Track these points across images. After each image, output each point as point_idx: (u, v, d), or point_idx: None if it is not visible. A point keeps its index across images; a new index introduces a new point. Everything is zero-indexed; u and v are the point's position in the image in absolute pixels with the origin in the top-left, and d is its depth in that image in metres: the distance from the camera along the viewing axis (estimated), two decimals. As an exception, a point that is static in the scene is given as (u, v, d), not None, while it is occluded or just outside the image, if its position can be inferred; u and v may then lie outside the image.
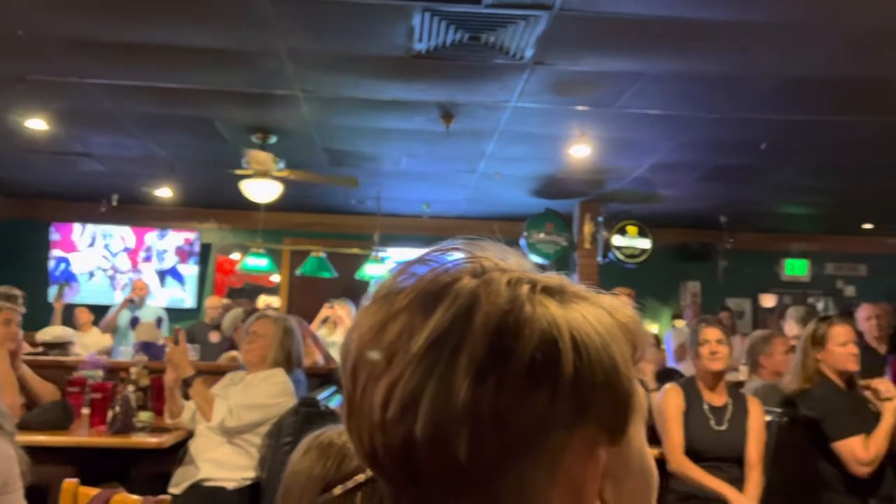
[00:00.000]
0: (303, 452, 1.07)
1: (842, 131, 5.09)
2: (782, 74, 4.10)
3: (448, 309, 0.47)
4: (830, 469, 2.93)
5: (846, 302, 8.57)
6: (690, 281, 9.07)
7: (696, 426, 2.98)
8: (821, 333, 3.07)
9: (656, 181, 6.65)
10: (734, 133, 5.20)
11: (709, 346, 3.02)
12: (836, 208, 7.74)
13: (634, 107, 4.71)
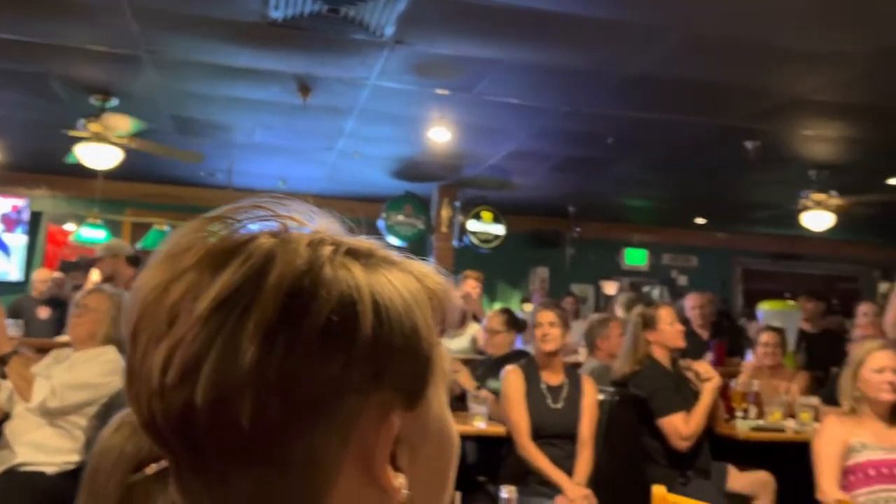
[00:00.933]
0: (115, 428, 1.00)
1: (678, 130, 5.46)
2: (627, 71, 4.33)
3: (239, 268, 0.44)
4: (655, 444, 3.16)
5: (679, 290, 9.25)
6: (540, 267, 9.43)
7: (534, 405, 3.10)
8: (650, 316, 3.29)
9: (511, 169, 6.84)
10: (584, 126, 5.44)
11: (542, 328, 3.15)
12: (672, 203, 8.33)
13: (492, 94, 4.80)
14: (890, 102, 4.75)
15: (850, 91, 4.57)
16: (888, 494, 2.55)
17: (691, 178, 7.07)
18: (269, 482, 0.43)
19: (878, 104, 4.79)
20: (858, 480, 2.61)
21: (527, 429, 3.04)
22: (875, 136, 5.48)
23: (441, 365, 0.49)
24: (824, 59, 4.08)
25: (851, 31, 3.76)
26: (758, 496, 3.37)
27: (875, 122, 5.13)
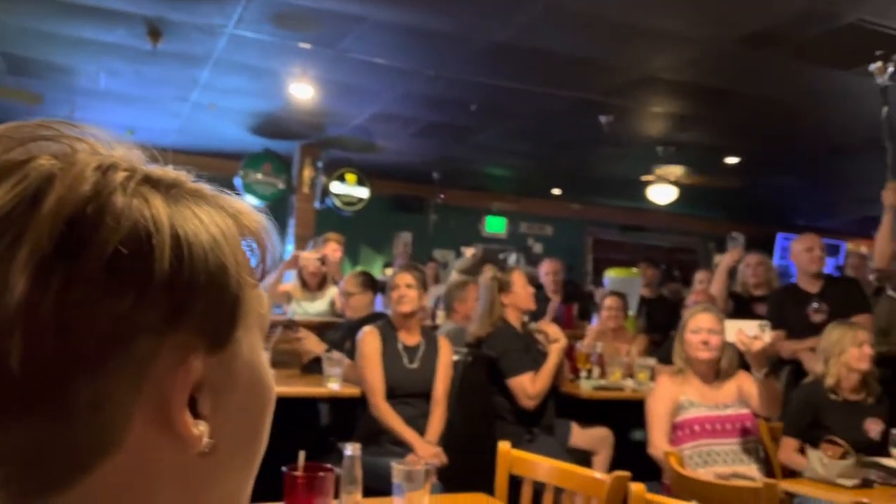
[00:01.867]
0: None
1: (538, 101, 5.61)
2: (491, 38, 4.37)
3: (10, 191, 0.38)
4: (504, 402, 3.27)
5: (534, 257, 9.61)
6: (403, 231, 9.47)
7: (390, 365, 3.12)
8: (505, 280, 3.39)
9: (376, 131, 6.77)
10: (448, 91, 5.46)
11: (399, 290, 3.17)
12: (531, 173, 8.59)
13: (356, 52, 4.70)
14: (731, 85, 5.11)
15: (696, 72, 4.87)
16: (710, 448, 2.80)
17: (549, 149, 7.31)
18: (51, 433, 0.39)
19: (720, 86, 5.14)
20: (685, 435, 2.84)
21: (381, 389, 3.05)
22: (716, 116, 5.90)
23: (255, 308, 0.46)
24: (673, 39, 4.31)
25: (699, 14, 3.99)
26: (597, 450, 3.59)
27: (717, 103, 5.51)
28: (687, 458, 2.77)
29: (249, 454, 0.47)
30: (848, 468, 2.54)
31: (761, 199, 9.28)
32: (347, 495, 1.43)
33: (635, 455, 3.00)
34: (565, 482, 2.01)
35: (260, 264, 0.47)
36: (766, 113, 5.68)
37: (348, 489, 1.44)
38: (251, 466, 0.47)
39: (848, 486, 2.51)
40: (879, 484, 2.55)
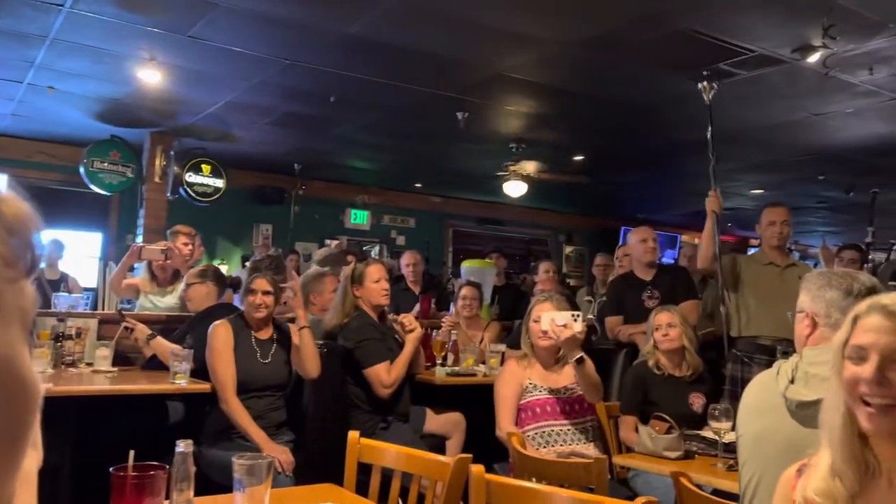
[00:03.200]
0: None
1: (397, 95, 5.67)
2: (346, 30, 4.38)
3: None
4: (359, 392, 3.31)
5: (396, 249, 9.71)
6: (263, 223, 9.26)
7: (243, 359, 3.07)
8: (359, 273, 3.42)
9: (231, 120, 6.57)
10: (306, 82, 5.41)
11: (255, 296, 3.15)
12: (393, 166, 8.66)
13: (208, 38, 4.55)
14: (577, 86, 5.41)
15: (544, 72, 5.12)
16: (550, 428, 2.97)
17: (410, 143, 7.41)
18: None
19: (567, 86, 5.42)
20: (528, 417, 3.00)
21: (232, 384, 3.00)
22: (565, 115, 6.21)
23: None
24: (522, 39, 4.51)
25: (545, 17, 4.20)
26: (451, 435, 3.71)
27: (565, 102, 5.81)
28: (530, 439, 2.94)
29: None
30: (672, 441, 2.79)
31: (606, 194, 9.87)
32: (179, 493, 1.42)
33: (485, 437, 3.14)
34: (412, 467, 2.08)
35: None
36: (610, 113, 6.06)
37: (180, 487, 1.42)
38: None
39: (672, 457, 2.75)
40: (699, 454, 2.82)
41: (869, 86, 5.04)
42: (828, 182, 8.31)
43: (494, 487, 1.78)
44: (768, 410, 1.89)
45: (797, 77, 4.91)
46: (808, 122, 6.02)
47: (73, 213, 8.11)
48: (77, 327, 3.56)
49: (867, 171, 7.43)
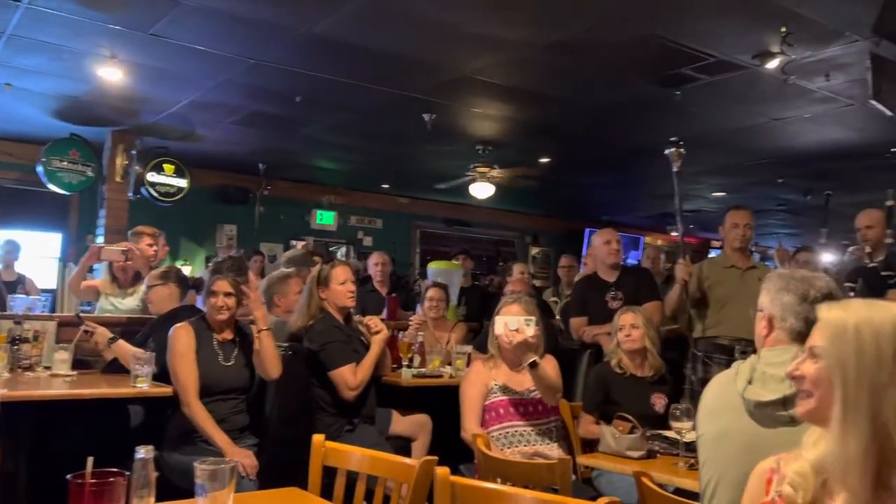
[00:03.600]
0: None
1: (364, 96, 5.66)
2: (312, 30, 4.35)
3: None
4: (324, 394, 3.29)
5: (363, 250, 9.68)
6: (227, 224, 9.15)
7: (205, 362, 3.03)
8: (324, 274, 3.40)
9: (195, 119, 6.49)
10: (272, 81, 5.36)
11: (217, 298, 3.10)
12: (360, 167, 8.63)
13: (171, 36, 4.49)
14: (542, 89, 5.45)
15: (510, 75, 5.15)
16: (514, 429, 2.99)
17: (377, 143, 7.39)
18: None
19: (533, 90, 5.46)
20: (492, 418, 3.01)
21: (195, 387, 2.96)
22: (531, 118, 6.25)
23: None
24: (489, 43, 4.53)
25: (511, 20, 4.22)
26: (417, 436, 3.70)
27: (531, 105, 5.85)
28: (494, 440, 2.95)
29: None
30: (635, 441, 2.82)
31: (572, 196, 9.96)
32: (139, 500, 1.39)
33: (451, 438, 3.14)
34: (377, 470, 2.08)
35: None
36: (575, 116, 6.12)
37: (140, 493, 1.40)
38: None
39: (635, 457, 2.78)
40: (662, 454, 2.86)
41: (826, 92, 5.17)
42: (787, 185, 8.49)
43: (459, 489, 1.79)
44: (727, 411, 1.92)
45: (757, 83, 5.01)
46: (768, 126, 6.15)
47: (31, 213, 7.93)
48: (35, 330, 3.48)
49: (823, 175, 7.62)
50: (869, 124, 5.83)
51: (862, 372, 1.15)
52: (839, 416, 1.17)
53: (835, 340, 1.20)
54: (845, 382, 1.17)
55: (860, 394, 1.15)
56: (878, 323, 1.18)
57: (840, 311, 1.23)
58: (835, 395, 1.18)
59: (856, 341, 1.17)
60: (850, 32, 4.13)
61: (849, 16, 3.94)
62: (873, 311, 1.20)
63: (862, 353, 1.16)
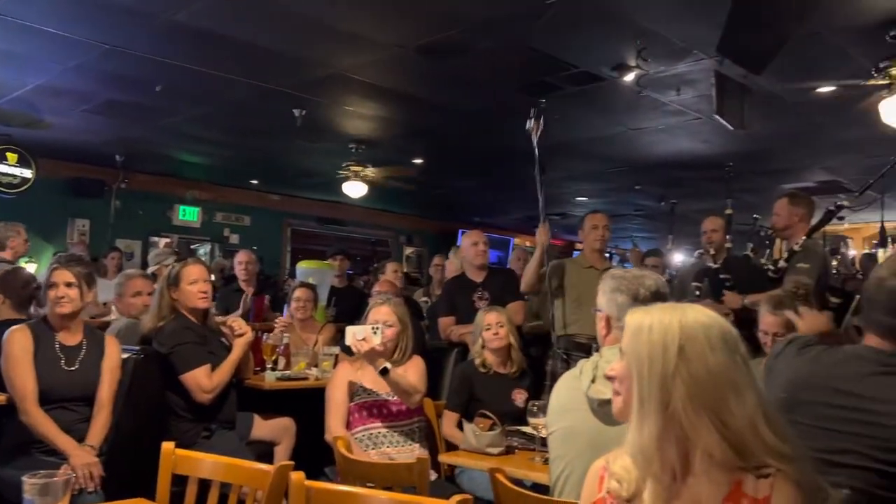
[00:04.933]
0: None
1: (230, 88, 5.46)
2: (172, 17, 4.15)
3: None
4: (178, 399, 3.13)
5: (230, 248, 9.34)
6: (79, 218, 8.56)
7: (45, 367, 2.81)
8: (174, 274, 3.24)
9: (42, 105, 6.02)
10: (129, 68, 5.06)
11: (56, 289, 2.87)
12: (227, 161, 8.33)
13: (14, 15, 4.14)
14: (415, 91, 5.48)
15: (382, 75, 5.14)
16: (377, 430, 2.98)
17: (245, 138, 7.16)
18: None
19: (405, 91, 5.48)
20: (356, 420, 2.99)
21: (33, 393, 2.73)
22: (404, 119, 6.27)
23: None
24: (360, 41, 4.50)
25: (382, 20, 4.22)
26: (280, 440, 3.61)
27: (404, 106, 5.87)
28: (358, 441, 2.93)
29: None
30: (495, 438, 2.89)
31: (445, 197, 10.10)
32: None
33: (316, 441, 3.09)
34: (230, 477, 2.01)
35: None
36: (446, 118, 6.20)
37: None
38: None
39: (494, 453, 2.85)
40: (520, 449, 2.95)
41: (677, 105, 5.53)
42: (643, 192, 9.02)
43: (315, 494, 1.76)
44: (573, 408, 1.99)
45: (616, 94, 5.28)
46: (626, 136, 6.50)
47: None
48: None
49: (675, 183, 8.15)
50: (714, 137, 6.29)
51: (652, 366, 1.25)
52: (636, 407, 1.27)
53: (633, 340, 1.30)
54: (640, 376, 1.27)
55: (652, 386, 1.25)
56: (667, 322, 1.29)
57: (641, 313, 1.33)
58: (633, 389, 1.28)
59: (648, 339, 1.27)
60: (697, 51, 4.44)
61: (696, 35, 4.23)
62: (667, 313, 1.31)
63: (652, 349, 1.26)
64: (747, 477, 1.24)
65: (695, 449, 1.25)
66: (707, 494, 1.25)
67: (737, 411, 1.23)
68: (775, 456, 1.24)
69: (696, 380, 1.23)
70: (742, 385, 1.26)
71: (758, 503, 1.22)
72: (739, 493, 1.24)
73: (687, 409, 1.22)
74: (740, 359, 1.29)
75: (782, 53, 4.34)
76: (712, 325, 1.30)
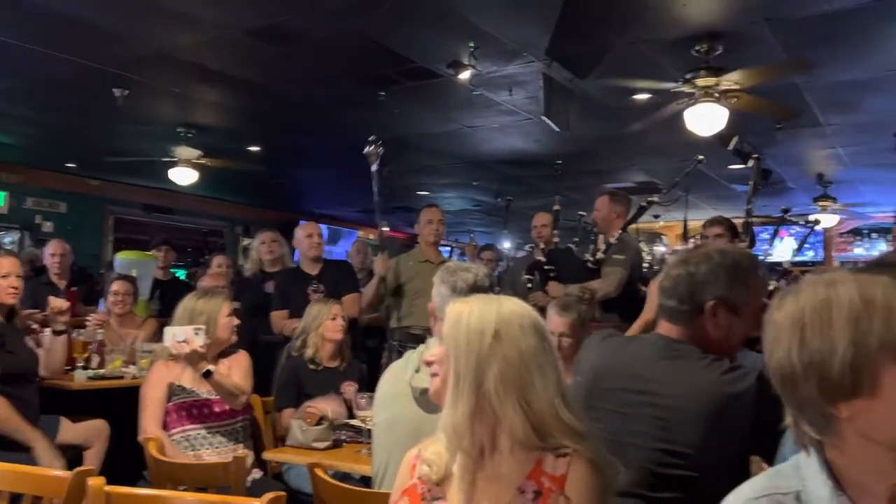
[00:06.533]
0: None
1: (38, 61, 4.98)
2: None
3: None
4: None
5: (42, 237, 8.53)
6: None
7: None
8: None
9: None
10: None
11: None
12: (39, 142, 7.60)
13: None
14: (249, 75, 5.27)
15: (214, 57, 4.90)
16: (196, 432, 2.84)
17: (59, 117, 6.58)
18: None
19: (240, 76, 5.26)
20: (173, 420, 2.84)
21: None
22: (239, 104, 6.03)
23: None
24: (188, 20, 4.26)
25: (227, 4, 4.02)
26: (91, 444, 3.37)
27: (238, 91, 5.63)
28: (176, 443, 2.78)
29: None
30: (322, 432, 2.85)
31: (284, 187, 9.84)
32: None
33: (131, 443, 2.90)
34: (22, 486, 1.84)
35: None
36: (283, 106, 6.03)
37: None
38: None
39: (321, 448, 2.81)
40: (349, 442, 2.93)
41: (509, 105, 5.73)
42: (480, 188, 9.29)
43: (115, 499, 1.65)
44: (397, 398, 2.02)
45: (452, 91, 5.38)
46: (463, 133, 6.66)
47: None
48: None
49: (509, 180, 8.47)
50: (545, 138, 6.59)
51: (469, 347, 1.35)
52: (452, 387, 1.36)
53: (453, 326, 1.39)
54: (457, 358, 1.36)
55: (468, 366, 1.34)
56: (485, 311, 1.39)
57: (461, 304, 1.43)
58: (450, 370, 1.37)
59: (467, 326, 1.37)
60: (526, 53, 4.62)
61: (526, 38, 4.40)
62: (485, 303, 1.42)
63: (470, 333, 1.36)
64: (547, 456, 1.35)
65: (501, 428, 1.34)
66: (510, 471, 1.35)
67: (541, 391, 1.34)
68: (572, 436, 1.35)
69: (509, 361, 1.33)
70: (547, 368, 1.37)
71: (556, 480, 1.32)
72: (540, 471, 1.34)
73: (498, 388, 1.32)
74: (547, 345, 1.42)
75: (605, 61, 4.63)
76: (525, 314, 1.42)
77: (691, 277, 1.64)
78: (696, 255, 1.68)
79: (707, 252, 1.68)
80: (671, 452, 1.52)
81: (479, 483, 1.36)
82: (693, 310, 1.63)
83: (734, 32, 4.27)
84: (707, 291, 1.62)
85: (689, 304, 1.64)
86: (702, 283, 1.63)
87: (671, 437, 1.53)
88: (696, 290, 1.63)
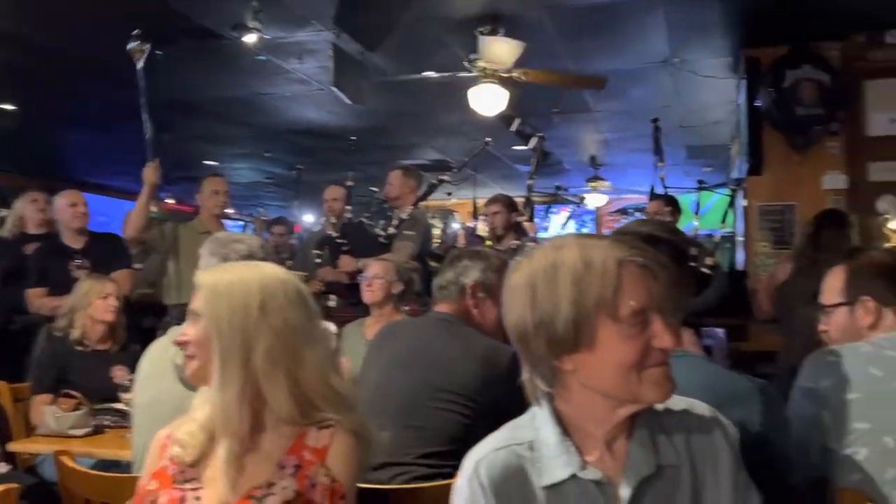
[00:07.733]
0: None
1: None
2: None
3: None
4: None
5: None
6: None
7: None
8: None
9: None
10: None
11: None
12: None
13: None
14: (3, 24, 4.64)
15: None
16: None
17: None
18: None
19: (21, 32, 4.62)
20: None
21: None
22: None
23: None
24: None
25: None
26: None
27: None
28: None
29: None
30: (79, 419, 2.63)
31: (49, 152, 8.85)
32: None
33: None
34: None
35: None
36: (44, 60, 5.39)
37: None
38: None
39: (80, 435, 2.59)
40: (112, 427, 2.72)
41: (301, 74, 5.58)
42: (274, 159, 8.99)
43: None
44: (160, 376, 1.92)
45: (239, 55, 5.11)
46: (256, 100, 6.38)
47: None
48: None
49: (303, 152, 8.27)
50: (339, 110, 6.50)
51: (234, 324, 1.28)
52: (218, 367, 1.29)
53: (210, 300, 1.31)
54: (220, 336, 1.29)
55: (234, 344, 1.28)
56: (248, 281, 1.32)
57: (218, 273, 1.34)
58: (214, 350, 1.29)
59: (228, 298, 1.30)
60: (315, 21, 4.51)
61: (314, 5, 4.29)
62: (244, 271, 1.35)
63: (233, 307, 1.29)
64: (310, 430, 1.34)
65: (266, 407, 1.31)
66: (273, 447, 1.32)
67: (310, 362, 1.32)
68: (339, 406, 1.35)
69: (276, 333, 1.29)
70: (315, 337, 1.36)
71: (318, 452, 1.32)
72: (301, 445, 1.32)
73: (266, 364, 1.28)
74: (313, 314, 1.39)
75: (395, 35, 4.65)
76: (289, 281, 1.37)
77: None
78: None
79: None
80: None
81: (242, 463, 1.32)
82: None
83: (516, 16, 4.47)
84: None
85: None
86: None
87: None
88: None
